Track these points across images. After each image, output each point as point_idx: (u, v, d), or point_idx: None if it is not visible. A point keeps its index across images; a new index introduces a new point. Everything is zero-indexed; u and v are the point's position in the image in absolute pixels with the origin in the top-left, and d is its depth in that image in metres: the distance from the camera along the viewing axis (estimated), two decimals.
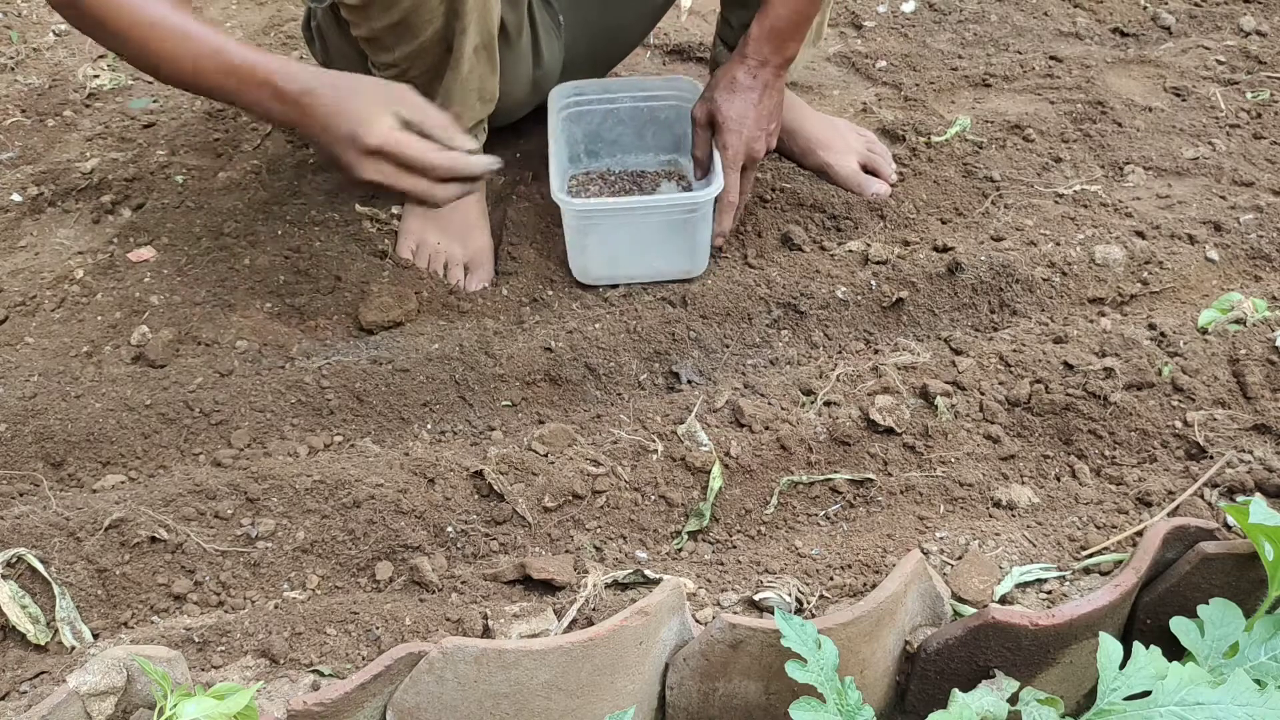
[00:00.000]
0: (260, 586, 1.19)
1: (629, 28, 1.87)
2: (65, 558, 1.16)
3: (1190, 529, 1.13)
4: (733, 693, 1.07)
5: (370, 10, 1.39)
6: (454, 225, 1.64)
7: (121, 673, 0.96)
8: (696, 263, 1.61)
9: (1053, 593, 1.16)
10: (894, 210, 1.76)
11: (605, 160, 1.83)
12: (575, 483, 1.26)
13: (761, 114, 1.58)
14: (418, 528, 1.22)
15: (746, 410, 1.35)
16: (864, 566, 1.18)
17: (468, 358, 1.46)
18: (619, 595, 1.15)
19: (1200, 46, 2.23)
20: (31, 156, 1.93)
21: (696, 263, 1.61)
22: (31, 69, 2.16)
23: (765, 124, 1.59)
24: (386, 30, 1.41)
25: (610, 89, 1.76)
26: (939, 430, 1.34)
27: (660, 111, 1.77)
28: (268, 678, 1.07)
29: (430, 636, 1.09)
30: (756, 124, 1.58)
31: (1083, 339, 1.45)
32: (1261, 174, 1.84)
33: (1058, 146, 1.92)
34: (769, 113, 1.59)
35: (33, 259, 1.68)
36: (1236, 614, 1.07)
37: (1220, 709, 0.96)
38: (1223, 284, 1.62)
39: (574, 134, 1.78)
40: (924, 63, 2.20)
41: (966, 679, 1.07)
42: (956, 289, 1.59)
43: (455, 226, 1.64)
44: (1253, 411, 1.34)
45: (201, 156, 1.91)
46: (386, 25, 1.40)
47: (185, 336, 1.52)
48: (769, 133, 1.61)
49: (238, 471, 1.27)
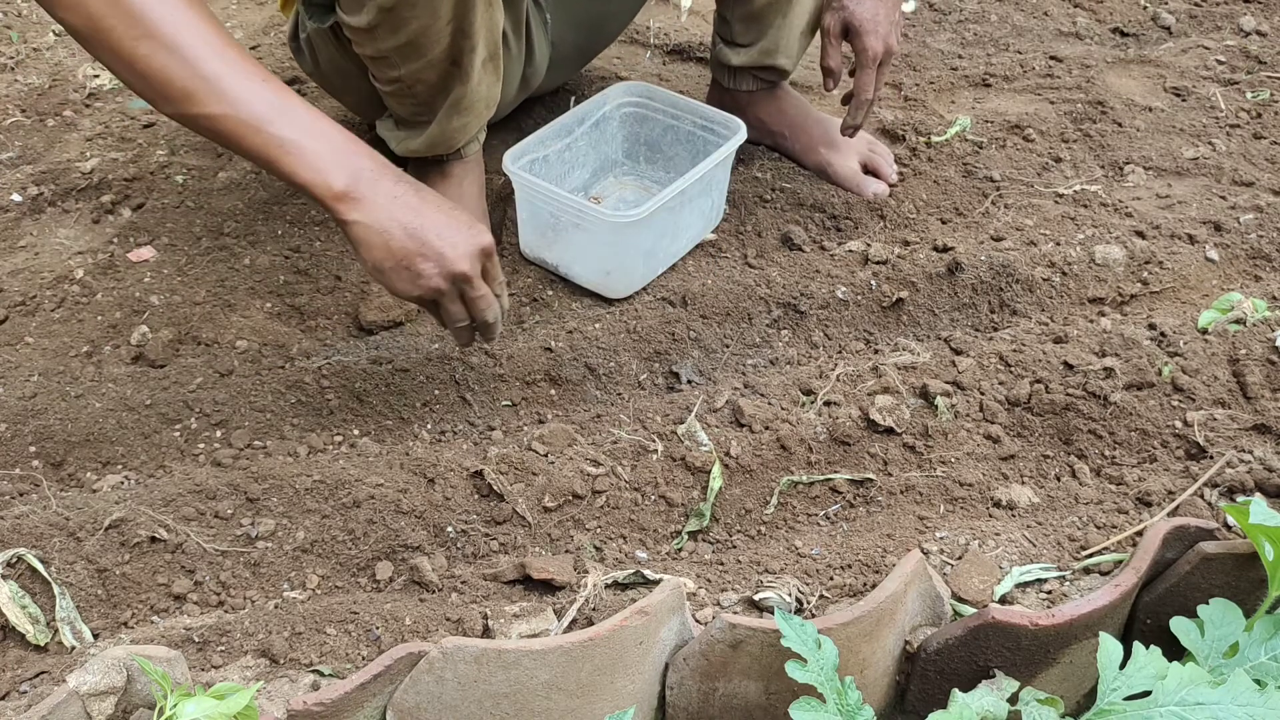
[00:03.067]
0: (260, 586, 1.19)
1: (613, 18, 1.87)
2: (65, 558, 1.16)
3: (1190, 529, 1.13)
4: (733, 693, 1.07)
5: (377, 33, 1.37)
6: None
7: (121, 673, 0.96)
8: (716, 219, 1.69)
9: (1053, 593, 1.16)
10: (894, 210, 1.76)
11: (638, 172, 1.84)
12: (575, 483, 1.26)
13: (890, 9, 1.61)
14: (418, 528, 1.22)
15: (746, 410, 1.35)
16: (864, 566, 1.18)
17: (468, 358, 1.46)
18: (619, 595, 1.15)
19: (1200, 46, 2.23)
20: (31, 156, 1.93)
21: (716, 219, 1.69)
22: (31, 69, 2.16)
23: (894, 17, 1.62)
24: (393, 50, 1.40)
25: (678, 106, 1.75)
26: (939, 430, 1.34)
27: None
28: (268, 678, 1.07)
29: (430, 636, 1.09)
30: (888, 20, 1.61)
31: (1083, 339, 1.45)
32: (1261, 174, 1.84)
33: (1058, 146, 1.92)
34: (893, 6, 1.62)
35: (33, 259, 1.68)
36: (1236, 614, 1.07)
37: (1220, 709, 0.96)
38: (1223, 284, 1.62)
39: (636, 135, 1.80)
40: (924, 62, 2.20)
41: (966, 679, 1.07)
42: (956, 289, 1.59)
43: None
44: (1253, 411, 1.34)
45: (201, 156, 1.91)
46: (394, 46, 1.39)
47: (185, 336, 1.52)
48: (898, 26, 1.64)
49: (238, 471, 1.27)
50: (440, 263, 1.19)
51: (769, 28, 1.74)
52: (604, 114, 1.73)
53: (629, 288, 1.58)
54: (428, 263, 1.18)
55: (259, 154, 1.14)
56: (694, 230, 1.65)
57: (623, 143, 1.79)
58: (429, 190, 1.22)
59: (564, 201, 1.51)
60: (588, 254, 1.56)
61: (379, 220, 1.16)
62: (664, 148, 1.78)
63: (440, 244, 1.18)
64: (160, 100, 1.13)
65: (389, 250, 1.17)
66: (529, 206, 1.59)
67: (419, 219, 1.18)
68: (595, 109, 1.71)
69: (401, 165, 1.37)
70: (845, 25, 1.62)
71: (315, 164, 1.14)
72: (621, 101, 1.75)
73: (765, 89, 1.84)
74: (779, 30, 1.74)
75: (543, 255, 1.63)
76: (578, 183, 1.75)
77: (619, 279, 1.57)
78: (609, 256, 1.54)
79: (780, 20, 1.73)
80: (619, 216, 1.49)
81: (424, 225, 1.18)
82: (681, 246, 1.64)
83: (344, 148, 1.16)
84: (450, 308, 1.24)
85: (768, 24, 1.74)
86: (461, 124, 1.53)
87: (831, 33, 1.63)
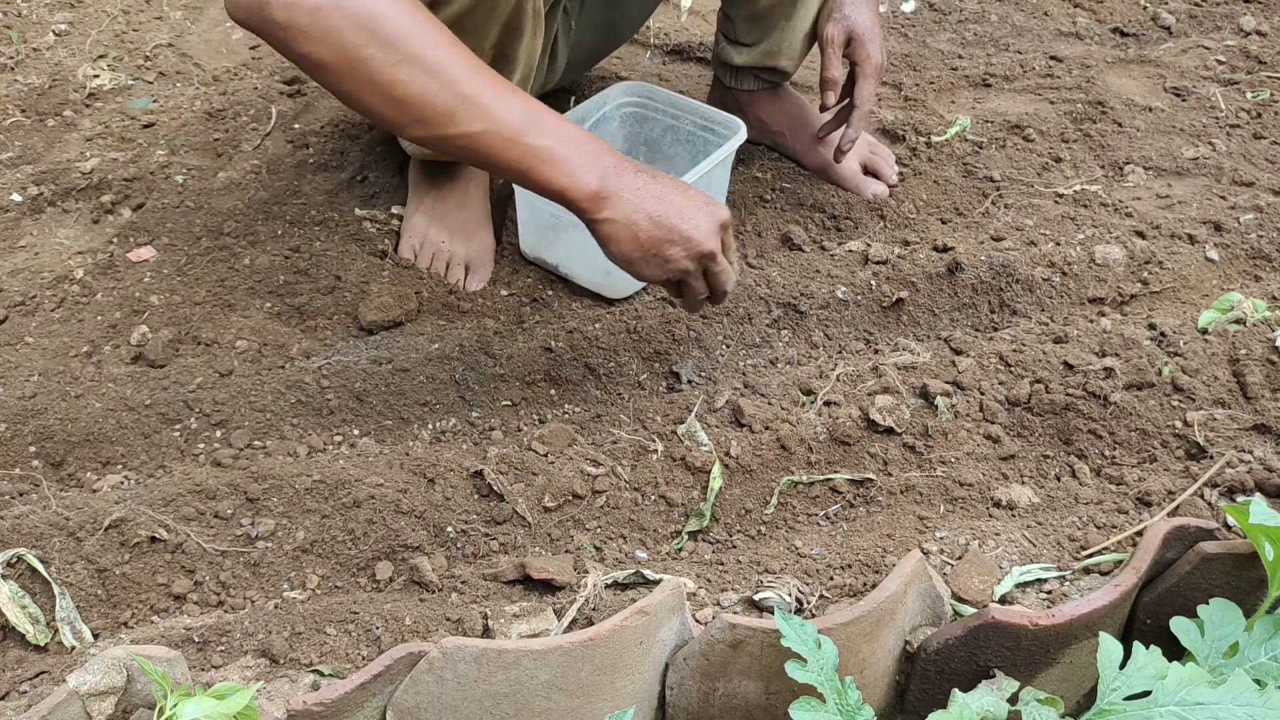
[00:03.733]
0: (260, 586, 1.19)
1: (628, 23, 1.88)
2: (65, 558, 1.16)
3: (1190, 529, 1.13)
4: (733, 693, 1.07)
5: None
6: (459, 224, 1.64)
7: (121, 673, 0.96)
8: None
9: (1053, 593, 1.16)
10: (894, 210, 1.76)
11: None
12: (575, 483, 1.26)
13: (882, 21, 1.64)
14: (418, 528, 1.22)
15: (746, 410, 1.35)
16: (864, 566, 1.18)
17: (468, 358, 1.46)
18: (619, 595, 1.15)
19: (1200, 46, 2.23)
20: (31, 156, 1.93)
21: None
22: (31, 69, 2.16)
23: (883, 29, 1.67)
24: None
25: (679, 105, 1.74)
26: (939, 430, 1.34)
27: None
28: (268, 678, 1.07)
29: (430, 636, 1.09)
30: (883, 32, 1.64)
31: (1083, 339, 1.45)
32: (1261, 174, 1.84)
33: (1058, 146, 1.92)
34: (881, 19, 1.65)
35: (33, 259, 1.68)
36: (1236, 614, 1.07)
37: (1220, 709, 0.96)
38: (1223, 284, 1.62)
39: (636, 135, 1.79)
40: (924, 62, 2.20)
41: (966, 679, 1.07)
42: (956, 289, 1.59)
43: (460, 226, 1.64)
44: (1253, 411, 1.34)
45: (201, 156, 1.91)
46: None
47: (185, 336, 1.52)
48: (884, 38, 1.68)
49: (238, 471, 1.27)
50: (687, 246, 1.22)
51: (773, 29, 1.74)
52: (604, 114, 1.73)
53: (629, 288, 1.58)
54: (675, 248, 1.21)
55: (515, 166, 1.15)
56: None
57: (623, 143, 1.79)
58: (662, 175, 1.24)
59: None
60: (587, 254, 1.56)
61: (627, 214, 1.19)
62: (664, 148, 1.78)
63: (685, 227, 1.21)
64: (414, 124, 1.13)
65: (637, 242, 1.20)
66: (529, 206, 1.58)
67: (663, 206, 1.20)
68: (595, 109, 1.71)
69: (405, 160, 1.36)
70: (849, 34, 1.62)
71: (568, 170, 1.16)
72: (621, 101, 1.75)
73: (767, 89, 1.84)
74: (782, 31, 1.74)
75: (542, 255, 1.63)
76: None
77: (619, 279, 1.57)
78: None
79: (784, 22, 1.73)
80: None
81: (668, 212, 1.20)
82: None
83: (590, 149, 1.18)
84: (694, 284, 1.27)
85: (771, 25, 1.74)
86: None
87: (835, 42, 1.63)
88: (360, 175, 1.82)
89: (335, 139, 1.93)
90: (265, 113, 2.01)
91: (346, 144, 1.91)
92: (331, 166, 1.86)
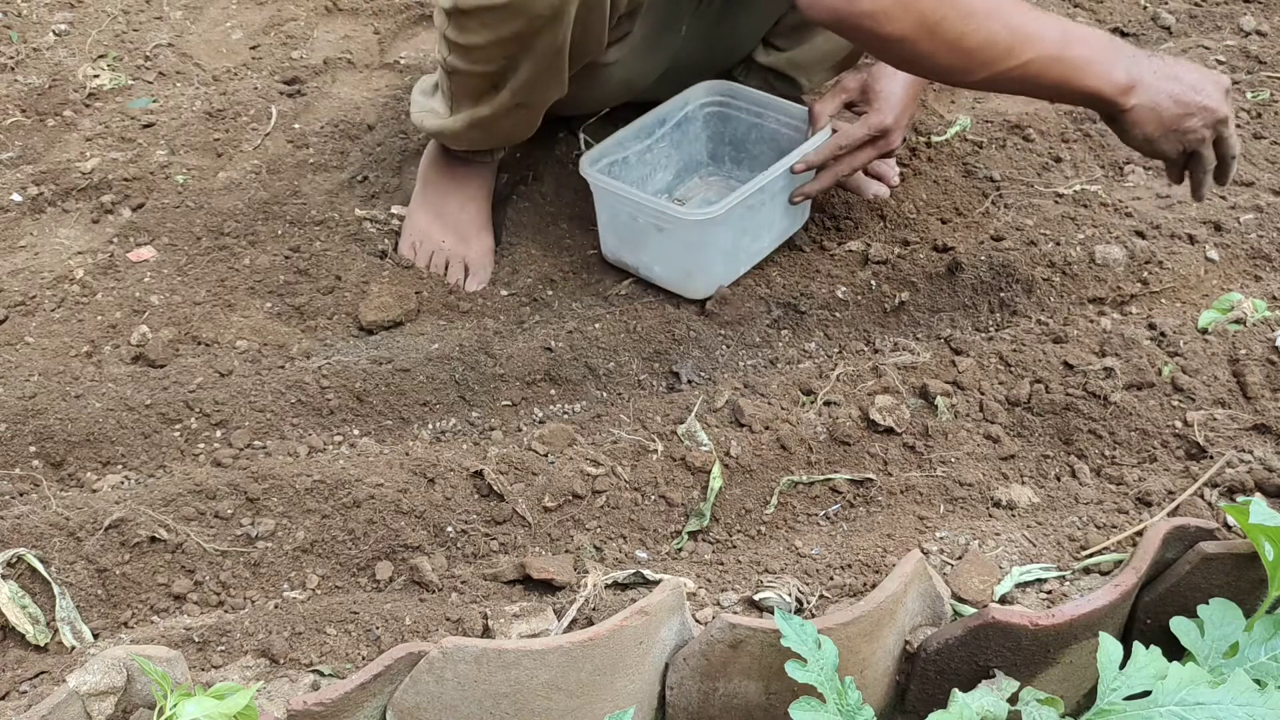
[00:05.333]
0: (260, 586, 1.19)
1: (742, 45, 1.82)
2: (65, 558, 1.16)
3: (1190, 529, 1.13)
4: (733, 693, 1.07)
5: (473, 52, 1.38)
6: (460, 225, 1.64)
7: (121, 673, 0.96)
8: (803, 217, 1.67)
9: (1053, 593, 1.16)
10: (894, 210, 1.76)
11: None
12: (575, 483, 1.26)
13: (910, 103, 1.54)
14: (418, 528, 1.22)
15: (746, 410, 1.35)
16: (864, 566, 1.18)
17: (468, 358, 1.46)
18: (619, 595, 1.15)
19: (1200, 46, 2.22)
20: (31, 156, 1.93)
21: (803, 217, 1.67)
22: (31, 69, 2.16)
23: (911, 111, 1.55)
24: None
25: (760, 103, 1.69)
26: (939, 430, 1.34)
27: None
28: (268, 678, 1.07)
29: (430, 636, 1.09)
30: (906, 111, 1.53)
31: (1083, 339, 1.45)
32: (1261, 174, 1.84)
33: (1058, 146, 1.92)
34: (912, 101, 1.55)
35: (33, 259, 1.68)
36: (1236, 614, 1.07)
37: (1220, 709, 0.96)
38: (1223, 284, 1.62)
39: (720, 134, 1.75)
40: None
41: (966, 679, 1.07)
42: (956, 289, 1.59)
43: (461, 226, 1.64)
44: (1253, 411, 1.34)
45: (201, 156, 1.91)
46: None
47: (185, 336, 1.52)
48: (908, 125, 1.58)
49: (238, 471, 1.27)
50: (1204, 115, 1.31)
51: (806, 43, 1.75)
52: (686, 114, 1.69)
53: (709, 288, 1.56)
54: (1194, 119, 1.31)
55: (1056, 81, 1.27)
56: (778, 229, 1.62)
57: (707, 143, 1.75)
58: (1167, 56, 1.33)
59: (640, 202, 1.49)
60: (667, 255, 1.54)
61: (1151, 99, 1.29)
62: (749, 146, 1.73)
63: (1201, 98, 1.30)
64: (980, 68, 1.24)
65: (1160, 122, 1.31)
66: (608, 210, 1.56)
67: (1177, 85, 1.30)
68: (677, 109, 1.68)
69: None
70: (863, 86, 1.56)
71: (1102, 71, 1.27)
72: (704, 101, 1.71)
73: None
74: (814, 49, 1.74)
75: (623, 258, 1.61)
76: (661, 185, 1.72)
77: (700, 279, 1.54)
78: (688, 256, 1.52)
79: (821, 40, 1.73)
80: (694, 214, 1.47)
81: (1183, 89, 1.30)
82: (764, 246, 1.61)
83: (1112, 45, 1.29)
84: (1205, 154, 1.35)
85: (807, 39, 1.74)
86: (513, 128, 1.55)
87: (843, 84, 1.58)
88: (360, 175, 1.82)
89: (335, 139, 1.93)
90: (265, 113, 2.01)
91: (346, 144, 1.91)
92: (331, 166, 1.86)
